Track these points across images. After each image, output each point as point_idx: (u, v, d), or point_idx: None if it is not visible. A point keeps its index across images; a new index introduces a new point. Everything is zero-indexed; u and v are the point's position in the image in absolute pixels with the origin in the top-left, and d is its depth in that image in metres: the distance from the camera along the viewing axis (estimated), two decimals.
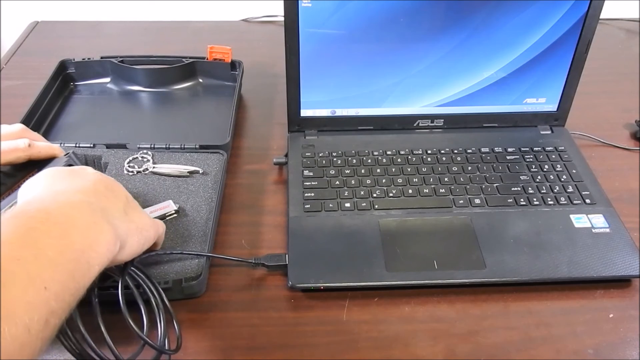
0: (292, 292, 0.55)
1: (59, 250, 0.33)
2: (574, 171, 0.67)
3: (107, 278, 0.48)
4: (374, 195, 0.63)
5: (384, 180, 0.65)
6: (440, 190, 0.64)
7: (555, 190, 0.64)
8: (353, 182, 0.65)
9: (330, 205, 0.62)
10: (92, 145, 0.67)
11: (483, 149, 0.70)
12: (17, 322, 0.29)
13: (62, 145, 0.66)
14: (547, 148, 0.70)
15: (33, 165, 0.54)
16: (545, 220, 0.60)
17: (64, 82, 0.82)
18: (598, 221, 0.60)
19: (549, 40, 0.67)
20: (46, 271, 0.32)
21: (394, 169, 0.67)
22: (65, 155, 0.55)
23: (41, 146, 0.53)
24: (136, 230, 0.44)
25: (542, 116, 0.73)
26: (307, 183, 0.65)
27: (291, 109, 0.70)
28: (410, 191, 0.64)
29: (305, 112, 0.71)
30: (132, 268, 0.48)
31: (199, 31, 1.02)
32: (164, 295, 0.49)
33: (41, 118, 0.74)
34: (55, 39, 0.99)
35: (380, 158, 0.68)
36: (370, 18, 0.64)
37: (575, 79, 0.70)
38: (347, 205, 0.62)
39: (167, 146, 0.68)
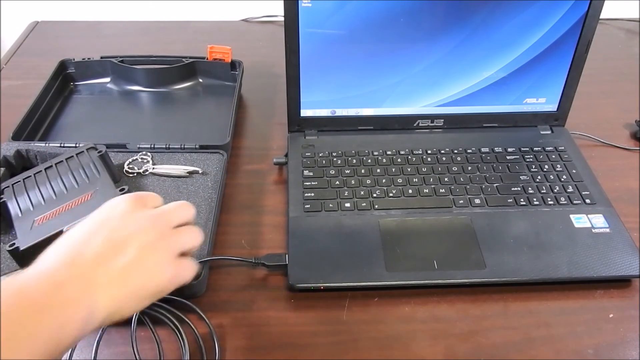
0: (292, 292, 0.55)
1: (32, 333, 0.35)
2: (574, 171, 0.67)
3: None
4: (374, 195, 0.63)
5: (384, 180, 0.65)
6: (440, 190, 0.64)
7: (555, 190, 0.64)
8: (353, 182, 0.65)
9: (330, 205, 0.62)
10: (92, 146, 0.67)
11: (483, 149, 0.70)
12: None
13: (61, 145, 0.66)
14: (547, 148, 0.70)
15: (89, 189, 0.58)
16: (545, 220, 0.60)
17: (64, 82, 0.82)
18: (598, 221, 0.60)
19: (549, 40, 0.67)
20: (23, 350, 0.34)
21: (394, 169, 0.67)
22: None
23: None
24: (130, 296, 0.40)
25: (542, 116, 0.73)
26: (307, 183, 0.65)
27: (291, 109, 0.70)
28: (410, 191, 0.64)
29: (305, 112, 0.71)
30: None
31: (199, 31, 1.02)
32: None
33: (41, 118, 0.74)
34: (55, 39, 0.99)
35: (380, 158, 0.68)
36: (370, 18, 0.64)
37: (575, 79, 0.70)
38: (347, 205, 0.62)
39: (167, 146, 0.68)
